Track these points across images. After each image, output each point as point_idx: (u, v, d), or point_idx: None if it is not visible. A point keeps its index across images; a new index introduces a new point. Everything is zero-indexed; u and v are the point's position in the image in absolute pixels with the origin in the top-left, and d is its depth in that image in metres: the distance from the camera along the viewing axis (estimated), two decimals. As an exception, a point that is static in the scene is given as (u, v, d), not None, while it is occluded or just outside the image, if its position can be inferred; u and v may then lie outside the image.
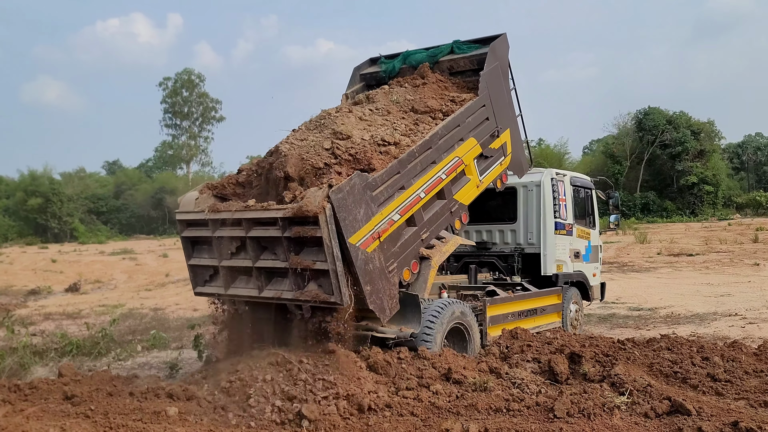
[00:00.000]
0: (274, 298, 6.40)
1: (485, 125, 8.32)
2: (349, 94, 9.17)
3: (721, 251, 27.31)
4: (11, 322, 9.78)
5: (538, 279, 10.14)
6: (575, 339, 7.88)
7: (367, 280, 6.24)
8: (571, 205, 10.63)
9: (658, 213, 50.25)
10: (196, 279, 7.18)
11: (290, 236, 6.08)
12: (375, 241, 6.36)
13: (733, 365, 6.80)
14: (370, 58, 9.63)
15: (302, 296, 6.11)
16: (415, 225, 7.12)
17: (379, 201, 6.47)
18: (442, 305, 7.39)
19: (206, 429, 5.08)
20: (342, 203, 5.93)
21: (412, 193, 6.95)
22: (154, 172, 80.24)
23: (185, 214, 7.07)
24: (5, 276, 25.87)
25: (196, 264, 7.12)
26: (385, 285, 6.52)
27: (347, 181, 6.07)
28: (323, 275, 6.00)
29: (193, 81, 76.29)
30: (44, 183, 62.48)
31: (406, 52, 9.15)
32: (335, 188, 5.91)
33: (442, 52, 8.90)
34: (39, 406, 5.67)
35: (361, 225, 6.17)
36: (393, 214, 6.64)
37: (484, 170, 8.37)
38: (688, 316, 12.56)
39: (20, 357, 8.11)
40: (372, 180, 6.37)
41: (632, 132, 54.12)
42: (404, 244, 6.92)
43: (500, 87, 8.67)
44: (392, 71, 9.14)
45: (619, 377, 6.24)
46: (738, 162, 70.45)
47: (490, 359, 7.08)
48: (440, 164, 7.39)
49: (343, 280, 5.92)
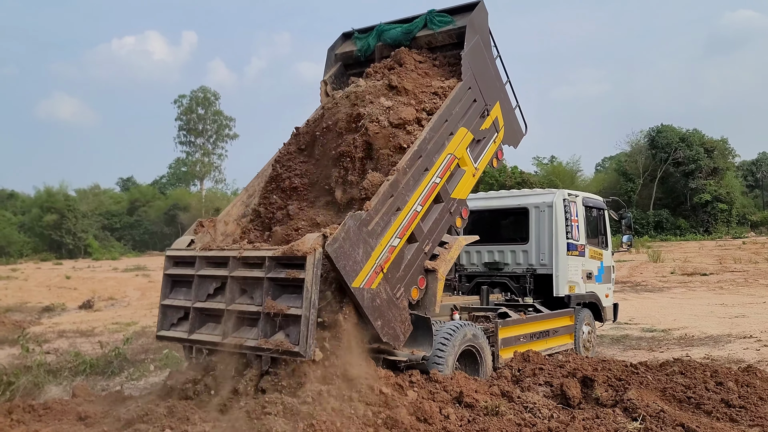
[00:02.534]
0: (236, 346, 6.01)
1: (474, 108, 7.83)
2: (328, 80, 8.70)
3: (736, 270, 27.06)
4: (26, 339, 9.84)
5: (551, 300, 10.08)
6: (588, 362, 7.83)
7: (376, 316, 6.14)
8: (583, 226, 10.59)
9: (672, 231, 49.93)
10: (164, 321, 6.84)
11: (273, 277, 5.91)
12: (378, 275, 6.21)
13: (748, 391, 6.74)
14: (343, 33, 9.01)
15: (266, 344, 5.76)
16: (416, 241, 6.89)
17: (376, 233, 6.23)
18: (453, 328, 7.32)
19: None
20: (339, 252, 5.76)
21: (408, 210, 6.66)
22: (167, 189, 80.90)
23: (175, 251, 7.01)
24: (20, 292, 26.13)
25: (168, 304, 6.85)
26: (395, 313, 6.41)
27: (341, 227, 5.84)
28: (294, 323, 5.69)
29: (209, 99, 77.25)
30: (60, 199, 63.18)
31: (379, 27, 8.54)
32: (330, 239, 5.71)
33: (418, 27, 8.27)
34: (53, 427, 5.74)
35: (362, 265, 6.00)
36: (392, 240, 6.42)
37: (478, 155, 7.98)
38: (702, 338, 12.44)
39: (34, 376, 8.17)
40: (366, 216, 6.10)
41: (645, 149, 54.03)
42: (408, 265, 6.75)
43: (484, 61, 8.09)
44: (367, 49, 8.58)
45: (631, 402, 6.19)
46: (752, 180, 70.01)
47: (502, 382, 7.06)
48: (433, 169, 7.02)
49: (312, 331, 5.61)
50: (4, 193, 73.60)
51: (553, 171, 55.11)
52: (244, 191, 7.97)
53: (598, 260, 11.07)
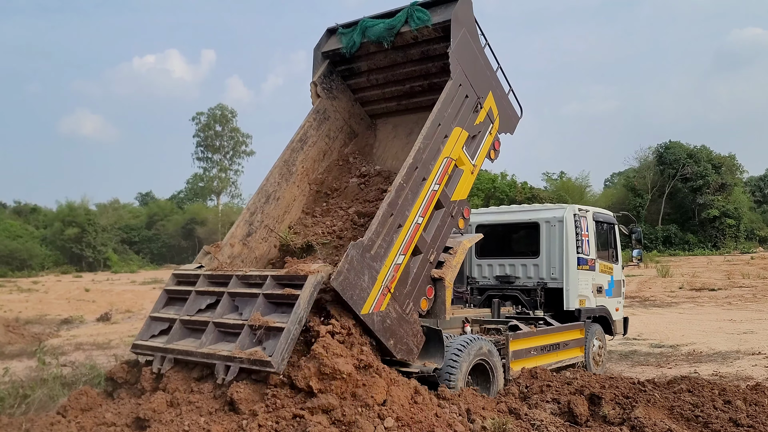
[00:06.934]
0: (208, 355, 5.86)
1: (466, 104, 7.60)
2: (317, 81, 8.54)
3: (744, 286, 26.77)
4: (42, 352, 10.02)
5: (561, 313, 10.15)
6: (595, 380, 7.81)
7: (388, 336, 6.16)
8: (593, 241, 10.67)
9: (680, 246, 49.71)
10: (145, 332, 6.71)
11: (268, 293, 5.93)
12: (386, 296, 6.20)
13: (756, 409, 6.68)
14: (328, 29, 8.72)
15: (239, 353, 5.61)
16: (420, 253, 6.82)
17: (380, 255, 6.18)
18: (466, 342, 7.33)
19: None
20: (345, 284, 5.76)
21: (410, 225, 6.59)
22: (185, 204, 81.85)
23: (182, 270, 7.10)
24: (40, 305, 26.49)
25: (156, 316, 6.80)
26: (407, 328, 6.42)
27: (344, 260, 5.80)
28: (274, 337, 5.58)
29: (226, 116, 78.21)
30: (81, 214, 64.11)
31: (363, 22, 8.27)
32: (335, 274, 5.70)
33: (401, 22, 7.95)
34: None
35: (369, 291, 5.99)
36: (397, 258, 6.38)
37: (475, 151, 7.82)
38: (711, 354, 12.34)
39: (50, 389, 8.31)
40: (367, 241, 6.05)
41: (653, 165, 53.91)
42: (414, 279, 6.71)
43: (472, 53, 7.78)
44: (353, 46, 8.34)
45: (639, 421, 6.18)
46: (760, 195, 69.72)
47: (509, 399, 7.05)
48: (430, 177, 6.91)
49: (290, 347, 5.47)
50: (27, 207, 74.88)
51: (563, 186, 55.03)
52: (246, 210, 7.87)
53: (609, 274, 11.14)
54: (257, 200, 7.89)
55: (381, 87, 8.87)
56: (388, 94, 8.91)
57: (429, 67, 8.29)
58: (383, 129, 9.23)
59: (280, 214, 8.06)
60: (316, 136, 8.50)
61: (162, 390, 5.80)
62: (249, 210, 7.81)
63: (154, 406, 5.43)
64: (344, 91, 8.90)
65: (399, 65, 8.48)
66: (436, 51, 8.00)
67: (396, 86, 8.76)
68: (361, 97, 9.08)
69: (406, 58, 8.36)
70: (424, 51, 8.14)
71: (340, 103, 8.83)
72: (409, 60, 8.37)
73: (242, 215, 7.79)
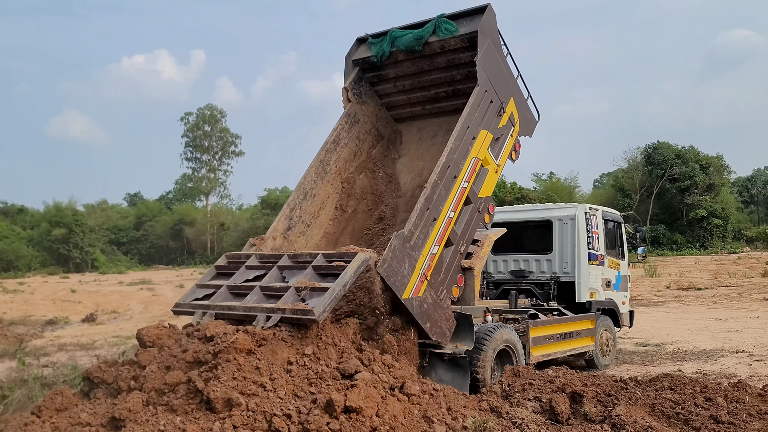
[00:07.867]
0: (251, 308, 6.20)
1: (491, 109, 8.25)
2: (348, 87, 9.16)
3: (730, 285, 27.02)
4: (23, 353, 9.92)
5: (572, 306, 10.79)
6: (578, 377, 7.81)
7: (425, 319, 6.78)
8: (602, 238, 11.36)
9: (668, 246, 49.98)
10: (190, 295, 7.01)
11: (317, 265, 6.42)
12: (424, 283, 6.82)
13: (737, 407, 6.68)
14: (358, 39, 9.36)
15: (281, 305, 5.97)
16: (452, 244, 7.45)
17: (418, 246, 6.81)
18: (494, 327, 8.11)
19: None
20: (389, 270, 6.37)
21: (443, 218, 7.23)
22: (173, 204, 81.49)
23: (233, 256, 7.46)
24: (25, 306, 26.24)
25: (202, 284, 7.17)
26: (441, 313, 7.05)
27: (388, 248, 6.45)
28: (318, 295, 5.94)
29: (215, 116, 77.82)
30: (68, 214, 63.69)
31: (392, 33, 8.88)
32: (380, 262, 6.31)
33: (428, 32, 8.58)
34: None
35: (409, 278, 6.60)
36: (432, 248, 7.02)
37: (498, 152, 8.47)
38: (695, 353, 12.45)
39: (29, 389, 8.22)
40: (407, 232, 6.70)
41: (641, 166, 54.21)
42: (447, 268, 7.36)
43: (496, 61, 8.41)
44: (383, 55, 8.97)
45: (620, 418, 6.17)
46: (747, 195, 70.59)
47: (491, 397, 7.03)
48: (461, 175, 7.57)
49: (333, 302, 5.84)
50: (14, 208, 74.19)
51: (552, 187, 55.31)
52: (286, 206, 8.41)
53: (616, 270, 11.84)
54: (296, 197, 8.45)
55: (407, 92, 9.53)
56: (414, 99, 9.56)
57: (454, 74, 8.91)
58: (408, 132, 9.84)
59: (316, 210, 8.68)
60: (348, 138, 9.12)
61: (138, 390, 5.77)
62: (289, 206, 8.38)
63: (129, 406, 5.39)
64: (372, 96, 9.59)
65: (425, 72, 9.12)
66: (461, 60, 8.63)
67: (422, 92, 9.40)
68: (387, 102, 9.72)
69: (433, 66, 8.99)
70: (450, 59, 8.74)
71: (368, 107, 9.48)
72: (435, 68, 8.99)
73: (283, 211, 8.38)
